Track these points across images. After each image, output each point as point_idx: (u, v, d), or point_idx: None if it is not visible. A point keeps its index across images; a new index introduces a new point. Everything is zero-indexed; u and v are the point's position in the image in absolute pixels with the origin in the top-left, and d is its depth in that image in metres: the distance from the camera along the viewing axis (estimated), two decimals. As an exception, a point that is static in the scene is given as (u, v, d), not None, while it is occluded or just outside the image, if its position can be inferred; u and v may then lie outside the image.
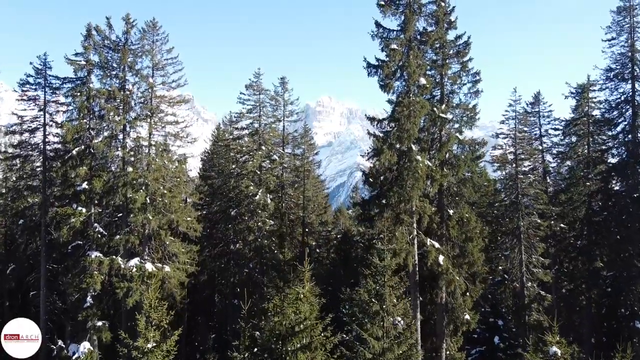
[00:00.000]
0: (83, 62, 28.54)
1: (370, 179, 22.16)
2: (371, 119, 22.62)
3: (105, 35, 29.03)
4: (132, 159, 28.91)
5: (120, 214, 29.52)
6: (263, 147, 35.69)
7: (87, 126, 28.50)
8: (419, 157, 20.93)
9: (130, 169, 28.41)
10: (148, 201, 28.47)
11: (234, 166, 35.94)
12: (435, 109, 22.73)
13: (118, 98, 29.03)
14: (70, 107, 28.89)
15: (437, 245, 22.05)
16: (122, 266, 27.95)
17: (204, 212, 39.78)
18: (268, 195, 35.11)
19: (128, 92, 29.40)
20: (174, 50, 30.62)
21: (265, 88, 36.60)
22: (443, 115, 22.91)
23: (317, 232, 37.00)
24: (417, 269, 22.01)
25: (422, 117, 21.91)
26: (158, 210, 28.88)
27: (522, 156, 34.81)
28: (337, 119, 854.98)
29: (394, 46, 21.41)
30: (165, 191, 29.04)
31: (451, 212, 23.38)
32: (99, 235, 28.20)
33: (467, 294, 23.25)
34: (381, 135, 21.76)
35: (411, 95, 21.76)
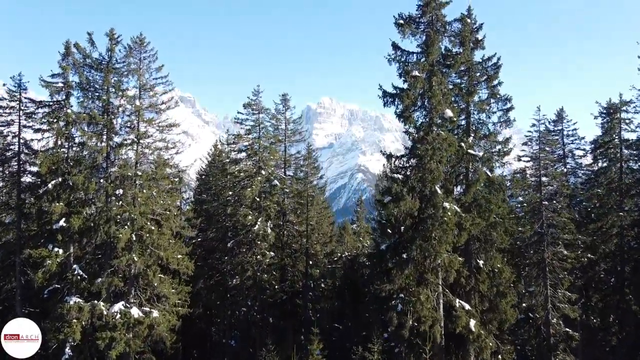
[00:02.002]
0: (60, 84, 25.60)
1: (389, 229, 19.03)
2: (388, 157, 19.48)
3: (86, 53, 26.03)
4: (116, 191, 25.89)
5: (104, 252, 26.49)
6: (263, 172, 32.62)
7: (66, 155, 25.49)
8: (446, 205, 17.82)
9: (113, 202, 25.44)
10: (134, 238, 25.49)
11: (230, 192, 32.85)
12: (462, 143, 19.58)
13: (100, 123, 26.08)
14: (47, 135, 25.77)
15: (467, 306, 18.98)
16: (105, 312, 24.98)
17: (199, 239, 36.72)
18: (268, 224, 32.06)
19: (112, 116, 26.43)
20: (164, 69, 27.66)
21: (265, 107, 33.60)
22: (472, 152, 19.79)
23: (322, 263, 33.89)
24: (443, 332, 18.91)
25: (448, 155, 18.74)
26: (145, 247, 25.90)
27: (545, 179, 31.72)
28: (338, 120, 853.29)
29: (415, 73, 18.29)
30: (153, 227, 26.00)
31: (481, 262, 20.24)
32: (79, 278, 25.21)
33: (499, 356, 20.17)
34: (400, 177, 18.59)
35: (434, 127, 18.64)
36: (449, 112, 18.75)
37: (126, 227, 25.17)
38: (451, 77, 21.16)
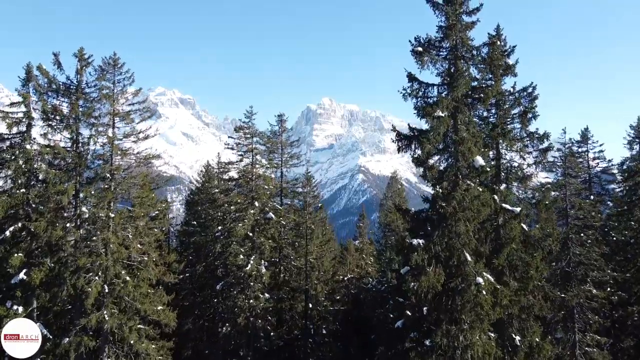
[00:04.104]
0: (20, 115, 22.21)
1: (408, 311, 15.51)
2: (403, 212, 16.00)
3: (50, 77, 22.64)
4: (86, 235, 22.54)
5: (72, 305, 23.12)
6: (256, 203, 29.17)
7: (26, 197, 22.07)
8: (480, 280, 14.33)
9: (82, 248, 22.09)
10: (106, 289, 22.13)
11: (220, 227, 29.40)
12: (495, 195, 16.14)
13: (67, 157, 22.76)
14: (5, 173, 22.36)
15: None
16: (73, 377, 21.59)
17: (187, 274, 33.32)
18: (262, 262, 28.62)
19: (81, 149, 23.11)
20: (141, 93, 24.35)
21: (259, 130, 30.20)
22: (507, 207, 16.36)
23: (323, 305, 30.41)
24: None
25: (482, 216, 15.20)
26: (120, 299, 22.55)
27: (571, 207, 28.27)
28: (338, 121, 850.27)
29: (438, 113, 14.84)
30: (129, 277, 22.63)
31: (517, 339, 16.79)
32: (43, 338, 21.77)
33: None
34: (421, 244, 14.96)
35: (461, 180, 15.20)
36: (479, 160, 15.21)
37: (97, 277, 21.82)
38: (478, 110, 17.75)
